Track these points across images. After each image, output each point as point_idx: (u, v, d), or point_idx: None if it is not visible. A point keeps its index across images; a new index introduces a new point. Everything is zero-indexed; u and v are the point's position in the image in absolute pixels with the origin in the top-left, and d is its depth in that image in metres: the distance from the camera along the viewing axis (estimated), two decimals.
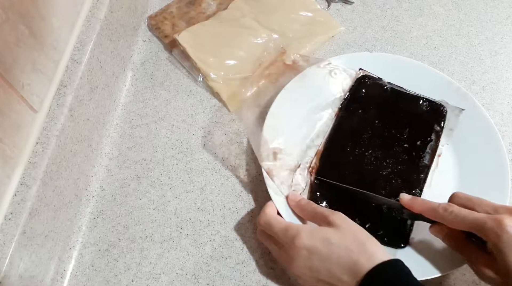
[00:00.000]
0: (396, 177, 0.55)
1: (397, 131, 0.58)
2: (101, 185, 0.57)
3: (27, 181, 0.45)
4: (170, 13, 0.70)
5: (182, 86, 0.65)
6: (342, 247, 0.44)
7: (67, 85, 0.50)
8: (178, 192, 0.57)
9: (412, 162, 0.56)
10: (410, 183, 0.55)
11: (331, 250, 0.44)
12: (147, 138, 0.61)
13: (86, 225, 0.55)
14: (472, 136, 0.57)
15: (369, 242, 0.45)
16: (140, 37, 0.69)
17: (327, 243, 0.45)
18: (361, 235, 0.46)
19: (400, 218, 0.52)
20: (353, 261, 0.43)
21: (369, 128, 0.58)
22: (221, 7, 0.70)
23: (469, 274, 0.51)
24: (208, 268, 0.52)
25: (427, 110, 0.58)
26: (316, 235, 0.46)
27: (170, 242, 0.54)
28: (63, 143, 0.49)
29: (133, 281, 0.52)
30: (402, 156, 0.56)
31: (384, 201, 0.53)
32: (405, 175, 0.55)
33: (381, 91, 0.60)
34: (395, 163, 0.56)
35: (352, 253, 0.44)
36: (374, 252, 0.43)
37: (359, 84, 0.60)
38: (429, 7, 0.72)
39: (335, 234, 0.45)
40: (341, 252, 0.44)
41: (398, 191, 0.53)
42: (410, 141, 0.57)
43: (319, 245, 0.45)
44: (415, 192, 0.54)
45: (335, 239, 0.45)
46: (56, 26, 0.49)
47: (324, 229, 0.47)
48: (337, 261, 0.44)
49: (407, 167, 0.56)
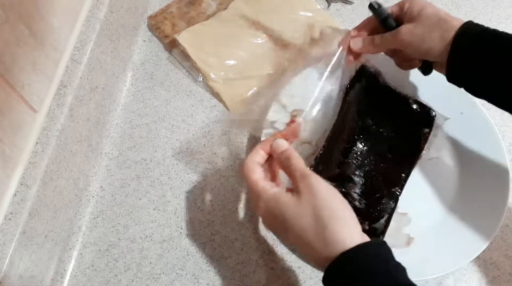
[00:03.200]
0: (377, 174, 0.55)
1: (385, 129, 0.57)
2: (101, 185, 0.57)
3: (27, 181, 0.45)
4: (170, 13, 0.70)
5: (182, 86, 0.65)
6: (296, 226, 0.39)
7: (67, 85, 0.50)
8: (178, 192, 0.57)
9: (395, 161, 0.56)
10: (391, 181, 0.55)
11: (285, 226, 0.40)
12: (147, 138, 0.61)
13: (86, 225, 0.55)
14: (472, 136, 0.57)
15: (333, 223, 0.37)
16: (140, 37, 0.69)
17: (281, 218, 0.40)
18: (325, 211, 0.38)
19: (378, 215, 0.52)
20: (309, 243, 0.38)
21: (360, 123, 0.57)
22: (221, 7, 0.70)
23: (469, 274, 0.52)
24: (208, 268, 0.52)
25: (417, 112, 0.58)
26: (274, 205, 0.41)
27: (170, 242, 0.54)
28: (63, 142, 0.49)
29: (133, 281, 0.52)
30: (387, 154, 0.56)
31: None
32: (386, 173, 0.55)
33: (376, 88, 0.59)
34: (379, 161, 0.56)
35: (307, 236, 0.38)
36: (334, 239, 0.37)
37: (358, 77, 0.59)
38: None
39: (292, 206, 0.39)
40: (296, 231, 0.39)
41: (378, 188, 0.53)
42: (396, 141, 0.57)
43: (273, 217, 0.41)
44: (395, 190, 0.54)
45: (290, 214, 0.39)
46: (56, 26, 0.49)
47: (283, 198, 0.40)
48: (294, 236, 0.39)
49: (390, 165, 0.56)
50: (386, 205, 0.53)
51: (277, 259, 0.53)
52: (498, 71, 0.43)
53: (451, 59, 0.46)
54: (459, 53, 0.45)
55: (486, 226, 0.51)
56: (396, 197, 0.54)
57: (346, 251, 0.36)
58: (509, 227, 0.54)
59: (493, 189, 0.53)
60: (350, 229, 0.38)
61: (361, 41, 0.53)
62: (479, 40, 0.44)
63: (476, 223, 0.52)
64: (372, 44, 0.52)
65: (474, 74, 0.45)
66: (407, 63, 0.54)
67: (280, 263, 0.52)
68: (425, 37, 0.46)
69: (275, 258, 0.53)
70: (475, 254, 0.50)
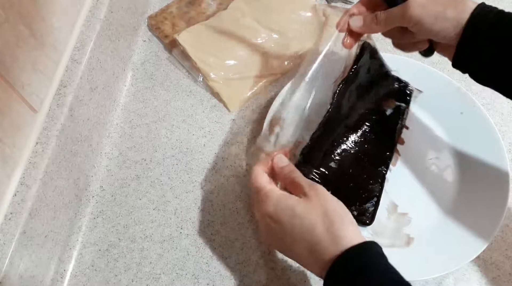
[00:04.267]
0: (362, 155, 0.55)
1: (366, 109, 0.58)
2: (101, 185, 0.57)
3: (27, 181, 0.45)
4: (170, 13, 0.70)
5: (182, 86, 0.65)
6: (306, 220, 0.39)
7: (67, 85, 0.50)
8: (178, 192, 0.57)
9: (378, 140, 0.56)
10: (376, 161, 0.55)
11: (293, 223, 0.39)
12: (147, 138, 0.61)
13: (86, 225, 0.55)
14: (472, 136, 0.57)
15: (340, 222, 0.38)
16: (140, 37, 0.69)
17: (291, 213, 0.40)
18: (333, 212, 0.39)
19: (367, 196, 0.53)
20: (315, 240, 0.38)
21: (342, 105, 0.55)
22: (221, 7, 0.70)
23: (469, 274, 0.52)
24: (208, 268, 0.52)
25: (395, 89, 0.58)
26: (281, 203, 0.41)
27: (170, 242, 0.54)
28: (63, 142, 0.49)
29: (133, 281, 0.52)
30: (369, 134, 0.57)
31: None
32: (371, 153, 0.55)
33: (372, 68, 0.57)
34: (362, 142, 0.56)
35: (315, 230, 0.38)
36: (342, 235, 0.37)
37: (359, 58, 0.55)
38: None
39: (302, 204, 0.40)
40: (304, 226, 0.39)
41: (364, 169, 0.54)
42: (377, 120, 0.57)
43: (282, 215, 0.40)
44: (382, 169, 0.55)
45: (300, 210, 0.39)
46: (56, 26, 0.49)
47: (292, 198, 0.41)
48: (299, 236, 0.39)
49: (374, 145, 0.56)
50: (374, 185, 0.54)
51: (277, 259, 0.53)
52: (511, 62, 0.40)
53: (462, 45, 0.41)
54: (472, 39, 0.40)
55: (486, 226, 0.51)
56: (382, 176, 0.54)
57: (353, 246, 0.37)
58: (509, 227, 0.54)
59: (493, 189, 0.53)
60: (355, 228, 0.39)
61: (362, 19, 0.47)
62: (494, 27, 0.40)
63: (476, 223, 0.52)
64: (374, 21, 0.46)
65: (484, 63, 0.42)
66: (413, 44, 0.48)
67: (280, 263, 0.52)
68: (439, 16, 0.40)
69: (275, 258, 0.53)
70: (475, 254, 0.50)
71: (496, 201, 0.52)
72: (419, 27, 0.42)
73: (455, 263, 0.49)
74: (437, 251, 0.51)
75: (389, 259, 0.39)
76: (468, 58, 0.43)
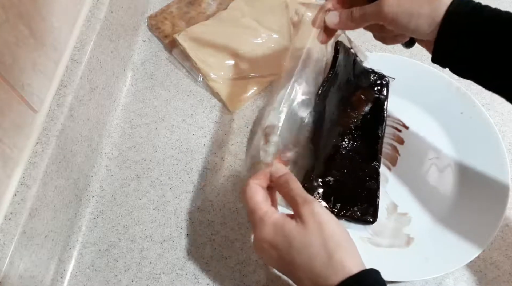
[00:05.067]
0: (354, 153, 0.56)
1: (348, 107, 0.58)
2: (101, 185, 0.57)
3: (27, 181, 0.45)
4: (170, 13, 0.70)
5: (182, 86, 0.65)
6: (304, 254, 0.38)
7: (67, 85, 0.51)
8: (178, 192, 0.57)
9: (365, 136, 0.57)
10: (368, 157, 0.56)
11: (291, 254, 0.38)
12: (147, 138, 0.61)
13: (86, 225, 0.55)
14: (472, 136, 0.57)
15: (339, 251, 0.37)
16: (140, 37, 0.69)
17: (288, 245, 0.39)
18: (331, 240, 0.38)
19: (367, 194, 0.53)
20: (316, 273, 0.37)
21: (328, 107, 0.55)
22: (221, 7, 0.70)
23: (469, 274, 0.52)
24: (208, 268, 0.52)
25: (371, 81, 0.59)
26: (278, 231, 0.39)
27: (170, 242, 0.54)
28: (63, 142, 0.49)
29: (133, 281, 0.52)
30: (356, 131, 0.57)
31: None
32: (362, 149, 0.56)
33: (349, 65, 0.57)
34: (351, 139, 0.57)
35: (315, 264, 0.37)
36: (342, 265, 0.37)
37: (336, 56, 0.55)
38: None
39: (299, 235, 0.38)
40: (303, 259, 0.38)
41: (358, 167, 0.54)
42: (361, 116, 0.58)
43: (280, 244, 0.39)
44: (375, 164, 0.55)
45: (297, 243, 0.38)
46: (56, 26, 0.49)
47: (288, 225, 0.39)
48: (299, 267, 0.38)
49: (362, 141, 0.57)
50: (371, 182, 0.54)
51: None
52: (488, 55, 0.40)
53: (439, 42, 0.41)
54: (449, 36, 0.40)
55: (486, 226, 0.51)
56: (377, 171, 0.55)
57: (352, 276, 0.36)
58: (509, 227, 0.54)
59: (493, 189, 0.53)
60: (355, 257, 0.38)
61: (337, 16, 0.46)
62: (470, 22, 0.39)
63: (476, 223, 0.52)
64: (349, 18, 0.45)
65: (462, 58, 0.41)
66: (393, 37, 0.49)
67: None
68: (413, 13, 0.40)
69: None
70: (475, 254, 0.50)
71: (496, 201, 0.52)
72: (395, 25, 0.42)
73: (455, 263, 0.49)
74: (437, 251, 0.51)
75: (389, 259, 0.39)
76: (446, 54, 0.42)
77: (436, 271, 0.49)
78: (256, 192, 0.42)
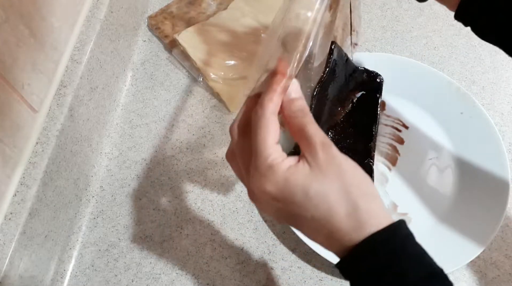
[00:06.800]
0: (347, 151, 0.55)
1: (341, 105, 0.58)
2: (101, 185, 0.57)
3: (27, 181, 0.45)
4: (170, 13, 0.70)
5: (182, 86, 0.65)
6: (322, 206, 0.31)
7: (67, 85, 0.51)
8: (178, 192, 0.57)
9: (359, 133, 0.57)
10: (361, 154, 0.55)
11: (305, 206, 0.31)
12: (147, 138, 0.61)
13: (86, 225, 0.55)
14: (472, 136, 0.57)
15: (364, 202, 0.31)
16: (140, 37, 0.69)
17: (303, 194, 0.31)
18: (356, 190, 0.31)
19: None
20: (334, 227, 0.31)
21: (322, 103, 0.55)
22: (221, 7, 0.70)
23: (469, 273, 0.52)
24: (208, 268, 0.52)
25: (366, 80, 0.59)
26: (290, 181, 0.32)
27: (170, 242, 0.54)
28: (63, 142, 0.49)
29: (133, 281, 0.52)
30: (350, 129, 0.57)
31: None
32: (355, 147, 0.56)
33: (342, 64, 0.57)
34: (344, 137, 0.57)
35: (334, 217, 0.31)
36: (367, 219, 0.31)
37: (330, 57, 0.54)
38: (429, 7, 0.72)
39: (316, 183, 0.31)
40: (320, 211, 0.31)
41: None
42: (354, 114, 0.57)
43: (290, 196, 0.32)
44: (368, 162, 0.55)
45: (314, 192, 0.31)
46: (56, 26, 0.49)
47: (301, 171, 0.32)
48: (313, 222, 0.32)
49: (355, 139, 0.56)
50: None
51: (277, 259, 0.53)
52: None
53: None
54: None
55: (486, 226, 0.51)
56: (371, 169, 0.55)
57: (379, 232, 0.30)
58: (509, 227, 0.54)
59: (493, 189, 0.53)
60: (380, 206, 0.32)
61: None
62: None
63: (476, 223, 0.52)
64: None
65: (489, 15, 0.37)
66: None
67: (280, 263, 0.52)
68: None
69: (275, 258, 0.53)
70: (475, 254, 0.50)
71: (496, 201, 0.52)
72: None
73: (454, 263, 0.50)
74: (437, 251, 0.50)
75: None
76: (472, 9, 0.38)
77: None
78: (271, 129, 0.33)
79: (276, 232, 0.54)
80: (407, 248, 0.31)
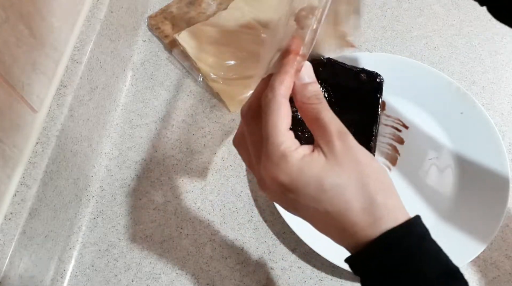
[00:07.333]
0: None
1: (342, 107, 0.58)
2: (101, 185, 0.57)
3: (27, 181, 0.45)
4: (170, 13, 0.70)
5: (182, 86, 0.65)
6: (337, 199, 0.30)
7: (67, 85, 0.51)
8: (178, 192, 0.57)
9: (359, 134, 0.56)
10: None
11: (319, 199, 0.30)
12: (147, 138, 0.61)
13: (86, 225, 0.55)
14: (472, 136, 0.57)
15: (384, 195, 0.30)
16: (140, 37, 0.69)
17: (317, 186, 0.30)
18: (373, 180, 0.30)
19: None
20: (349, 222, 0.30)
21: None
22: (221, 7, 0.70)
23: (469, 273, 0.52)
24: (208, 268, 0.52)
25: (365, 81, 0.58)
26: (305, 171, 0.30)
27: (170, 242, 0.54)
28: (63, 142, 0.49)
29: (133, 281, 0.52)
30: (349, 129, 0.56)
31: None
32: None
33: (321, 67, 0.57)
34: None
35: (350, 212, 0.29)
36: (384, 214, 0.29)
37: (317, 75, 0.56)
38: (429, 7, 0.72)
39: (333, 174, 0.30)
40: (335, 205, 0.30)
41: None
42: (356, 114, 0.57)
43: (303, 187, 0.30)
44: None
45: (330, 184, 0.29)
46: (56, 26, 0.49)
47: (316, 162, 0.30)
48: (326, 213, 0.30)
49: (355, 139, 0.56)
50: None
51: (277, 259, 0.53)
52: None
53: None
54: None
55: (486, 226, 0.51)
56: None
57: (396, 228, 0.29)
58: (509, 227, 0.54)
59: (493, 189, 0.53)
60: (398, 200, 0.31)
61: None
62: None
63: (476, 223, 0.52)
64: None
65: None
66: None
67: (280, 263, 0.52)
68: None
69: (275, 258, 0.53)
70: (475, 254, 0.50)
71: (496, 201, 0.52)
72: None
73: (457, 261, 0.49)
74: None
75: None
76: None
77: None
78: (282, 114, 0.30)
79: (276, 232, 0.54)
80: (423, 246, 0.30)
